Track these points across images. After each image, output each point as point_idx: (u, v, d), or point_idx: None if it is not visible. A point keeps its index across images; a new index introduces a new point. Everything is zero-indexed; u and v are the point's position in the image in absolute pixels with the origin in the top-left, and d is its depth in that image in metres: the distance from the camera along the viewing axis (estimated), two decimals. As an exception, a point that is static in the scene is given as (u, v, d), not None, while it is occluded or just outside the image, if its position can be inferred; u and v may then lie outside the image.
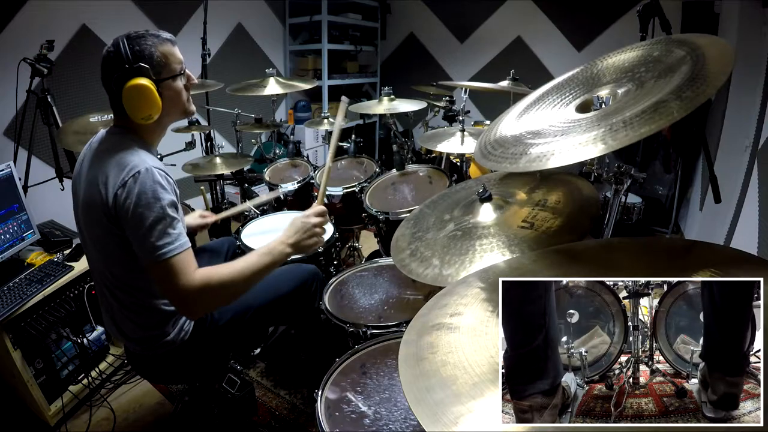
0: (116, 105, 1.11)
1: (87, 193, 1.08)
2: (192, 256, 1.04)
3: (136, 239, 1.01)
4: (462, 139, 1.93)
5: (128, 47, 1.05)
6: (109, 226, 1.04)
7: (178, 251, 1.01)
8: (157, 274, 1.02)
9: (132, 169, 1.02)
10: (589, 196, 1.10)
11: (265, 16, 4.03)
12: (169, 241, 1.00)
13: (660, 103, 0.75)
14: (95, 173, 1.06)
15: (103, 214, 1.04)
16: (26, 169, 2.20)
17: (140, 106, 1.07)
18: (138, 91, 1.05)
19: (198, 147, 2.61)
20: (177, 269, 1.00)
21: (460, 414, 0.52)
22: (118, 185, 1.01)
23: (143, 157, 1.06)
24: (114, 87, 1.07)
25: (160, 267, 1.00)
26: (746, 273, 0.62)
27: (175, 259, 1.00)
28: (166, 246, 1.00)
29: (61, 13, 2.57)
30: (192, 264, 1.03)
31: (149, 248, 0.99)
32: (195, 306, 1.06)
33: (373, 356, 1.17)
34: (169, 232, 1.01)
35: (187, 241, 1.05)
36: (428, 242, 1.15)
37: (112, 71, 1.07)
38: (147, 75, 1.07)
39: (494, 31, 4.15)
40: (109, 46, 1.08)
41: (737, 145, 2.14)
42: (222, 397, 1.40)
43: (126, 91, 1.05)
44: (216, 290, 1.05)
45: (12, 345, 1.56)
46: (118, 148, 1.08)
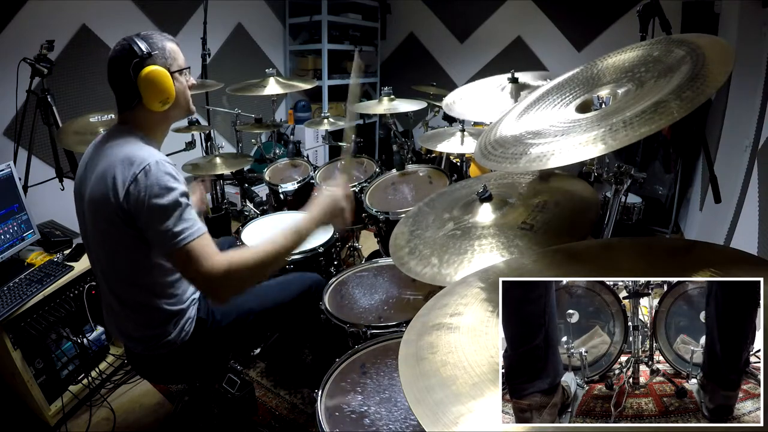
0: (126, 99, 1.13)
1: (94, 190, 1.08)
2: (211, 240, 1.05)
3: (154, 231, 1.01)
4: (462, 139, 1.93)
5: (143, 40, 1.11)
6: (119, 222, 1.04)
7: (197, 235, 1.02)
8: (180, 261, 1.02)
9: (141, 163, 1.02)
10: (589, 197, 1.10)
11: (265, 16, 4.03)
12: (187, 227, 1.01)
13: (660, 103, 0.75)
14: (103, 170, 1.06)
15: (114, 211, 1.03)
16: (26, 169, 2.20)
17: (160, 90, 1.11)
18: (157, 76, 1.10)
19: (198, 147, 2.62)
20: (199, 253, 1.01)
21: (460, 414, 0.52)
22: (129, 180, 1.01)
23: (151, 151, 1.07)
24: (132, 74, 1.09)
25: (181, 253, 1.00)
26: (746, 273, 0.62)
27: (196, 243, 1.01)
28: (185, 231, 1.00)
29: (61, 13, 2.57)
30: (212, 246, 1.04)
31: (169, 236, 1.00)
32: (222, 289, 1.04)
33: (373, 356, 1.17)
34: (185, 218, 1.02)
35: (203, 226, 1.05)
36: (427, 240, 1.15)
37: (127, 61, 1.09)
38: (162, 64, 1.12)
39: (494, 31, 4.15)
40: (122, 42, 1.11)
41: (737, 145, 2.14)
42: (222, 397, 1.40)
43: (145, 76, 1.09)
44: (241, 271, 1.03)
45: (12, 345, 1.56)
46: (125, 145, 1.09)
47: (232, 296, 1.07)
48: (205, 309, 1.27)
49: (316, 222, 1.16)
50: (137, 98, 1.11)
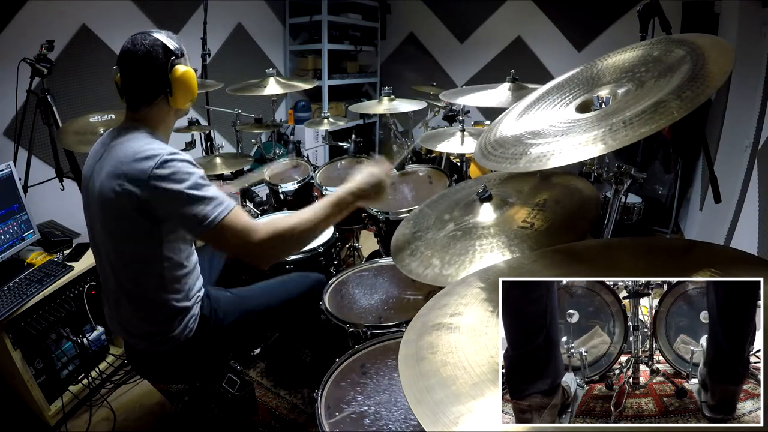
0: (147, 94, 1.13)
1: (105, 187, 1.06)
2: (243, 212, 1.06)
3: (184, 217, 1.02)
4: (462, 139, 1.93)
5: (172, 38, 1.13)
6: (134, 215, 1.04)
7: (229, 209, 1.03)
8: (221, 238, 1.03)
9: (157, 155, 1.03)
10: (589, 196, 1.10)
11: (265, 16, 4.03)
12: (217, 203, 1.02)
13: (660, 103, 0.75)
14: (115, 166, 1.06)
15: (131, 205, 1.03)
16: (26, 169, 2.20)
17: (190, 90, 1.15)
18: (190, 76, 1.14)
19: (198, 147, 2.61)
20: (238, 226, 1.03)
21: (460, 414, 0.52)
22: (148, 173, 1.01)
23: (162, 144, 1.09)
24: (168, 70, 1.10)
25: (216, 232, 1.01)
26: (746, 273, 0.62)
27: (230, 216, 1.02)
28: (217, 209, 1.02)
29: (61, 13, 2.57)
30: (245, 218, 1.05)
31: (201, 217, 1.01)
32: (266, 256, 1.09)
33: (373, 356, 1.17)
34: (214, 196, 1.03)
35: (232, 201, 1.06)
36: (428, 242, 1.15)
37: (163, 58, 1.10)
38: (186, 64, 1.16)
39: (494, 31, 4.15)
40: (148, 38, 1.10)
41: (737, 145, 2.14)
42: (222, 397, 1.40)
43: (180, 75, 1.12)
44: (284, 237, 1.07)
45: (12, 345, 1.56)
46: (135, 140, 1.09)
47: (275, 261, 1.14)
48: (208, 307, 1.27)
49: (355, 195, 1.16)
50: (162, 94, 1.13)
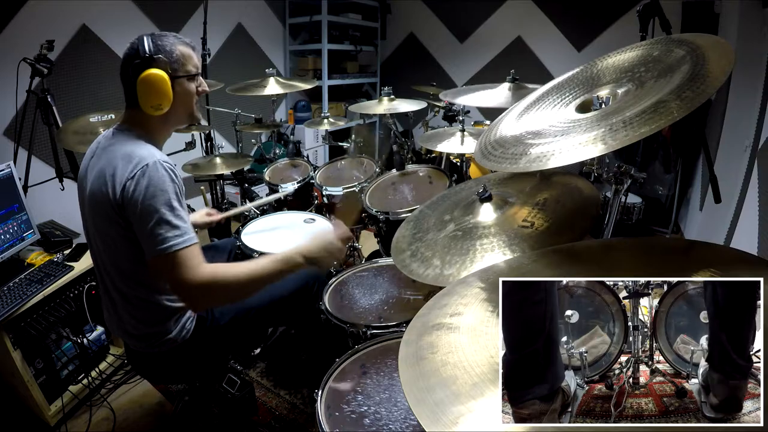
0: (129, 98, 1.14)
1: (94, 186, 1.08)
2: (200, 251, 1.05)
3: (144, 232, 1.01)
4: (462, 139, 1.93)
5: (151, 41, 1.10)
6: (116, 218, 1.05)
7: (187, 244, 1.01)
8: (164, 267, 1.01)
9: (140, 161, 1.03)
10: (589, 196, 1.10)
11: (265, 16, 4.03)
12: (177, 234, 1.01)
13: (660, 103, 0.75)
14: (103, 167, 1.07)
15: (111, 207, 1.04)
16: (26, 169, 2.19)
17: (153, 93, 1.10)
18: (153, 79, 1.09)
19: (198, 147, 2.61)
20: (184, 262, 1.00)
21: (460, 414, 0.52)
22: (126, 177, 1.02)
23: (151, 151, 1.08)
24: (131, 75, 1.09)
25: (167, 259, 1.00)
26: (746, 273, 0.62)
27: (184, 252, 1.00)
28: (176, 238, 1.00)
29: (61, 13, 2.57)
30: (199, 257, 1.04)
31: (157, 241, 0.99)
32: (200, 300, 1.06)
33: (373, 356, 1.17)
34: (177, 224, 1.01)
35: (194, 236, 1.05)
36: (429, 243, 1.15)
37: (131, 61, 1.09)
38: (164, 68, 1.10)
39: (494, 32, 4.15)
40: (134, 40, 1.11)
41: (737, 145, 2.14)
42: (222, 397, 1.40)
43: (142, 79, 1.08)
44: (222, 287, 1.05)
45: (12, 345, 1.56)
46: (126, 143, 1.09)
47: (208, 307, 1.11)
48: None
49: (306, 258, 1.16)
50: (136, 99, 1.11)
